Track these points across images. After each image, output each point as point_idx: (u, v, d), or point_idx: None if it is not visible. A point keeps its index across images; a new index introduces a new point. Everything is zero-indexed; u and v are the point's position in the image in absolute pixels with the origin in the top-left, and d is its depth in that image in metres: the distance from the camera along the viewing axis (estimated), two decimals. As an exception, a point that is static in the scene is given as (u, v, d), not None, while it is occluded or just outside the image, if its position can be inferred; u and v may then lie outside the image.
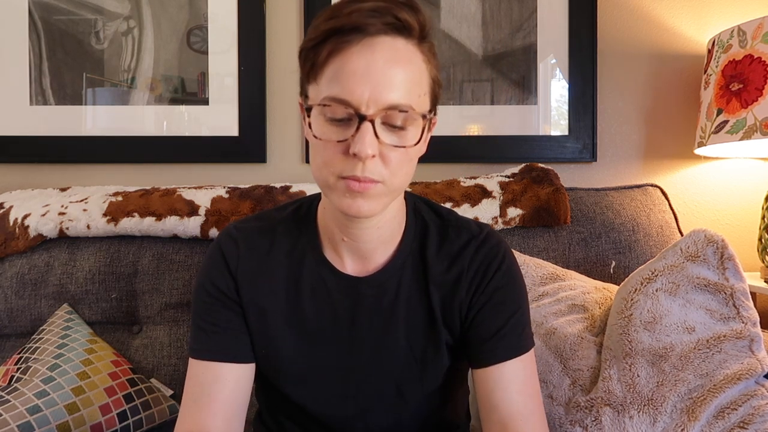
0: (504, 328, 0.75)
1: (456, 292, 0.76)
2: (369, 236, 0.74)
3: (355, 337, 0.76)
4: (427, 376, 0.79)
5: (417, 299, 0.77)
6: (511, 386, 0.74)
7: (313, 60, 0.64)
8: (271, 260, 0.77)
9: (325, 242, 0.77)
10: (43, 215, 1.24)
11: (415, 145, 0.66)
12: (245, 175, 1.50)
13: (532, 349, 0.78)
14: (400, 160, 0.65)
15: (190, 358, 0.76)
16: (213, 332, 0.75)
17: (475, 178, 1.35)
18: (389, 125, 0.64)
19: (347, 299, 0.76)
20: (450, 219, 0.80)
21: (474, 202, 1.27)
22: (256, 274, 0.76)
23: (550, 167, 1.35)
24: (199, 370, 0.75)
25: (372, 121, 0.62)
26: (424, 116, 0.65)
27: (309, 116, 0.66)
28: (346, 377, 0.78)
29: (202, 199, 1.26)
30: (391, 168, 0.65)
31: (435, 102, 0.70)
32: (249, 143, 1.49)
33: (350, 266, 0.76)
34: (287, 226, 0.79)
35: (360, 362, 0.77)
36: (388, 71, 0.62)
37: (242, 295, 0.76)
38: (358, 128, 0.62)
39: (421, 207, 0.81)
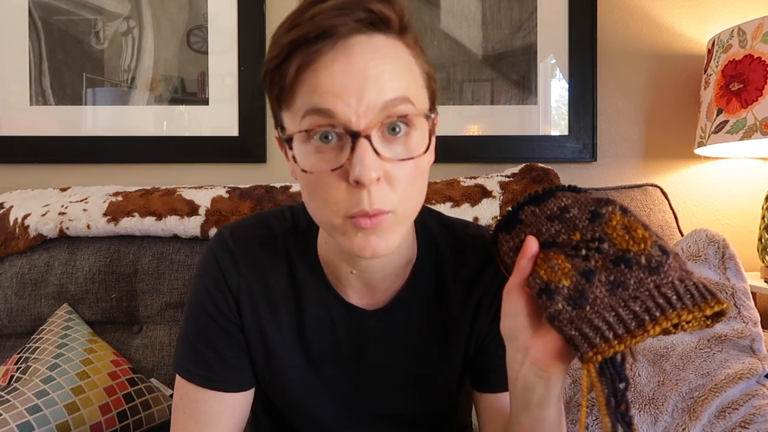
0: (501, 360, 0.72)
1: (477, 318, 0.71)
2: (380, 266, 0.66)
3: (361, 371, 0.71)
4: (438, 404, 0.75)
5: (429, 329, 0.71)
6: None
7: (280, 82, 0.54)
8: (272, 282, 0.69)
9: (329, 268, 0.69)
10: (43, 215, 1.24)
11: (425, 152, 0.55)
12: (245, 175, 1.50)
13: None
14: (410, 177, 0.55)
15: (181, 378, 0.69)
16: (217, 359, 0.68)
17: (475, 178, 1.35)
18: (389, 136, 0.53)
19: (353, 331, 0.70)
20: (464, 237, 0.73)
21: (474, 202, 1.27)
22: (257, 296, 0.69)
23: (550, 167, 1.35)
24: (202, 398, 0.68)
25: (368, 137, 0.51)
26: (426, 116, 0.56)
27: (291, 149, 0.55)
28: (353, 408, 0.73)
29: (202, 199, 1.26)
30: (400, 190, 0.54)
31: (433, 99, 0.60)
32: (249, 143, 1.49)
33: (356, 297, 0.69)
34: (286, 241, 0.70)
35: (366, 396, 0.73)
36: (372, 69, 0.52)
37: (244, 318, 0.69)
38: (353, 149, 0.51)
39: (431, 224, 0.73)
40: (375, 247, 0.55)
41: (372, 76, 0.52)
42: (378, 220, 0.53)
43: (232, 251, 0.69)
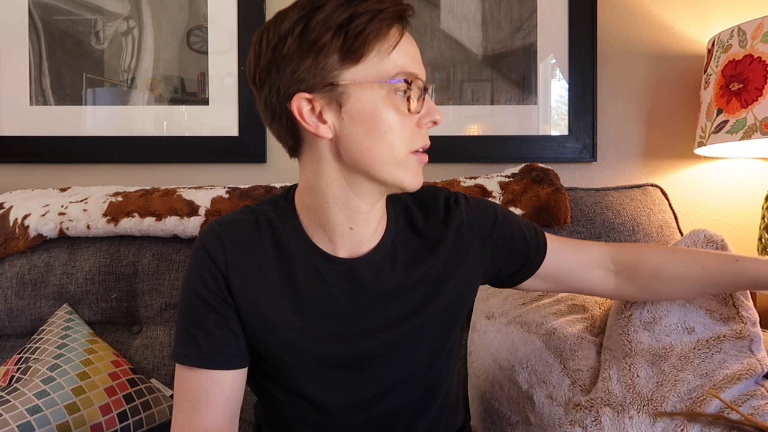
0: (529, 244, 0.84)
1: (461, 246, 0.80)
2: (375, 216, 0.75)
3: (360, 319, 0.75)
4: (441, 338, 0.80)
5: (420, 271, 0.77)
6: (562, 245, 0.87)
7: (366, 38, 0.65)
8: (259, 254, 0.74)
9: (316, 231, 0.75)
10: (43, 215, 1.24)
11: None
12: (245, 175, 1.50)
13: None
14: None
15: (179, 365, 0.74)
16: (205, 338, 0.72)
17: (475, 178, 1.35)
18: None
19: (345, 283, 0.75)
20: (422, 191, 0.80)
21: (474, 202, 1.27)
22: (246, 269, 0.73)
23: (550, 167, 1.35)
24: (193, 378, 0.73)
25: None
26: None
27: (351, 99, 0.66)
28: (359, 361, 0.76)
29: (202, 199, 1.26)
30: None
31: None
32: (249, 143, 1.49)
33: (343, 251, 0.75)
34: (268, 216, 0.76)
35: (369, 344, 0.76)
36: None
37: (235, 293, 0.73)
38: (424, 99, 0.69)
39: None
40: (421, 179, 0.72)
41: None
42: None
43: (217, 233, 0.74)
